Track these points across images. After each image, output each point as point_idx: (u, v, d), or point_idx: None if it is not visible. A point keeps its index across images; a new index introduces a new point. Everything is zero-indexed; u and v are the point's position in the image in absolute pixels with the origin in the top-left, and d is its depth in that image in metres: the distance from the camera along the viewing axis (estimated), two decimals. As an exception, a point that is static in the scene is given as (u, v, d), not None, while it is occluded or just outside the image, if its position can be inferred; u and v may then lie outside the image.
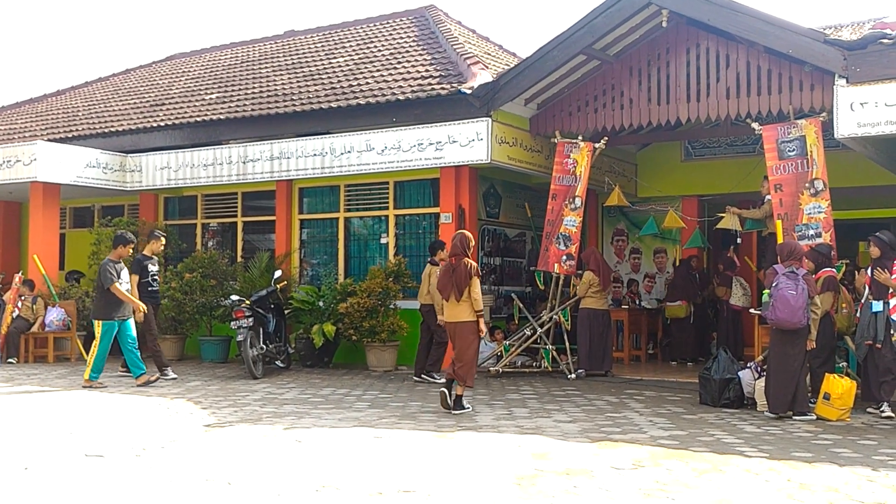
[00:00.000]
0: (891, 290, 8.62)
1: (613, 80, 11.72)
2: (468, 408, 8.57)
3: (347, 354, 13.15)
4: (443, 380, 9.32)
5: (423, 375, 11.10)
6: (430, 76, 12.95)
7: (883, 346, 8.60)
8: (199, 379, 11.37)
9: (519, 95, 11.97)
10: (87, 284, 15.27)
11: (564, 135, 12.20)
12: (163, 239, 12.09)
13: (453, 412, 8.39)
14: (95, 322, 10.64)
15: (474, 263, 8.61)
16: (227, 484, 5.46)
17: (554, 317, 11.90)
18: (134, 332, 10.79)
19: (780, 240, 9.65)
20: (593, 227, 15.34)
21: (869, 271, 8.93)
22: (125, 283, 10.77)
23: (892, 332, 8.56)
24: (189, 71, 18.66)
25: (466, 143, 12.05)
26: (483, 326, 8.61)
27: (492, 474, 5.75)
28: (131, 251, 11.22)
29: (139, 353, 10.82)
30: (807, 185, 10.06)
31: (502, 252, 13.75)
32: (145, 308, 10.87)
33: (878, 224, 11.66)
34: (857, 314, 9.13)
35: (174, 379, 11.12)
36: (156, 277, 11.88)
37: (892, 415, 8.37)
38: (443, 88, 12.27)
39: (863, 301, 9.02)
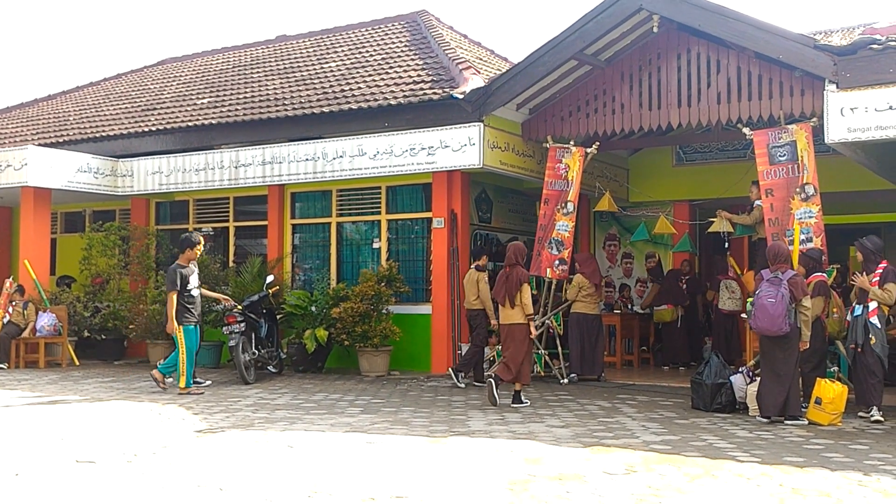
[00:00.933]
0: (870, 294, 8.68)
1: (605, 86, 11.75)
2: (526, 402, 9.36)
3: (340, 359, 13.14)
4: (463, 385, 11.02)
5: (461, 375, 11.16)
6: (422, 81, 12.96)
7: (864, 350, 8.66)
8: (191, 384, 11.32)
9: (511, 100, 11.99)
10: (77, 289, 15.23)
11: (556, 140, 12.22)
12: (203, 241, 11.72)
13: (512, 405, 9.23)
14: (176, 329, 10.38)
15: (525, 272, 9.52)
16: (218, 490, 5.45)
17: (546, 321, 11.91)
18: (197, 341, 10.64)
19: (796, 248, 9.61)
20: (585, 232, 15.37)
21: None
22: (196, 289, 10.59)
23: (870, 335, 8.63)
24: (181, 76, 18.63)
25: (458, 147, 12.06)
26: (533, 329, 9.57)
27: (484, 479, 5.75)
28: (199, 253, 10.97)
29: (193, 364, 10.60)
30: (798, 189, 10.10)
31: (494, 257, 13.74)
32: (174, 328, 10.43)
33: (869, 229, 11.69)
34: (848, 318, 9.17)
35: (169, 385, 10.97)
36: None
37: (882, 419, 8.40)
38: (435, 93, 12.27)
39: (853, 305, 9.07)
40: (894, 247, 14.56)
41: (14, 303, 13.76)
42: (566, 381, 11.40)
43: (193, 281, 10.57)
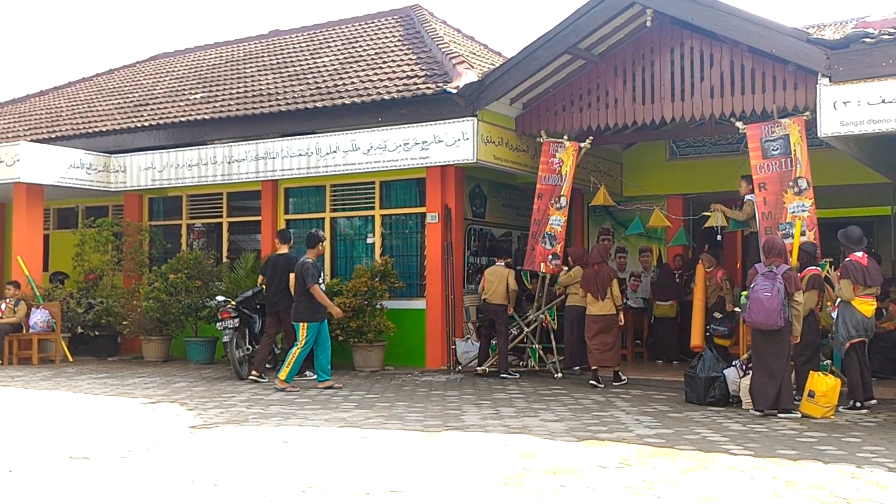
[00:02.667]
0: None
1: (598, 80, 11.74)
2: (624, 379, 10.85)
3: (334, 355, 12.94)
4: (518, 375, 11.61)
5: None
6: (416, 76, 12.94)
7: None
8: (185, 380, 11.32)
9: (504, 95, 11.99)
10: (70, 285, 15.20)
11: (550, 134, 12.22)
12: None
13: (613, 384, 10.69)
14: (300, 325, 10.30)
15: (613, 269, 11.02)
16: (213, 485, 5.44)
17: (540, 316, 11.92)
18: (328, 334, 10.64)
19: (796, 242, 9.66)
20: (579, 226, 15.37)
21: None
22: (323, 284, 10.61)
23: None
24: (173, 71, 18.58)
25: (452, 142, 12.05)
26: (622, 317, 10.98)
27: (479, 473, 5.75)
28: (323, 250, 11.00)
29: (329, 358, 10.60)
30: (790, 183, 10.11)
31: (488, 252, 13.76)
32: (340, 312, 10.63)
33: (861, 223, 11.71)
34: None
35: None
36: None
37: (856, 409, 8.63)
38: (428, 88, 12.26)
39: None
40: (887, 240, 14.63)
41: (8, 299, 13.72)
42: (560, 375, 11.41)
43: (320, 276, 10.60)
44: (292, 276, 10.63)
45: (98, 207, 16.58)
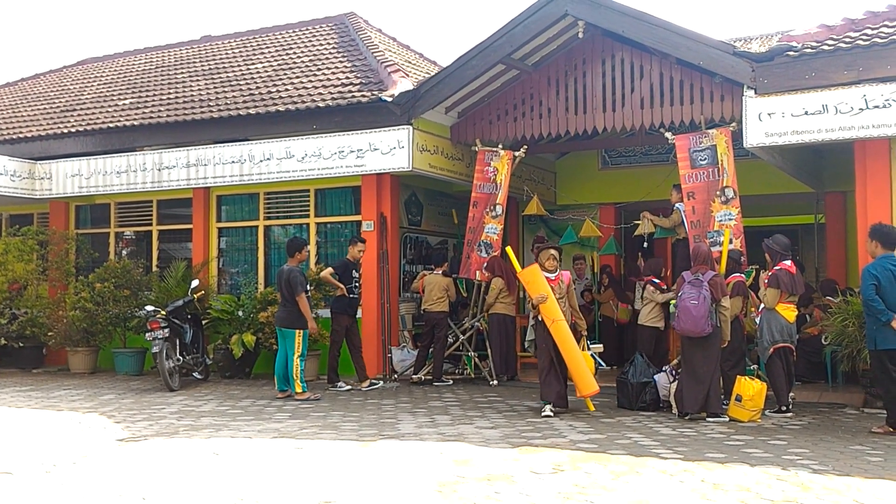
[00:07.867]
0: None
1: (532, 90, 11.88)
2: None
3: (268, 364, 12.90)
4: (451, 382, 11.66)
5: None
6: (351, 83, 12.89)
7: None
8: (113, 392, 11.05)
9: (440, 104, 12.03)
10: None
11: (485, 143, 12.30)
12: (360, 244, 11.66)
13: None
14: (296, 332, 10.29)
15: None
16: (141, 499, 5.33)
17: (476, 324, 11.96)
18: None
19: (725, 250, 9.79)
20: (514, 235, 15.48)
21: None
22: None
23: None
24: (101, 76, 18.17)
25: (387, 150, 12.03)
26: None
27: (413, 482, 5.75)
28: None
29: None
30: (718, 192, 10.36)
31: (424, 260, 13.76)
32: (317, 328, 10.81)
33: (786, 231, 12.06)
34: None
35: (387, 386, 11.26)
36: (359, 283, 11.56)
37: (781, 413, 8.83)
38: (363, 96, 12.23)
39: None
40: (811, 248, 15.09)
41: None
42: (495, 382, 11.46)
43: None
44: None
45: (22, 215, 16.09)
